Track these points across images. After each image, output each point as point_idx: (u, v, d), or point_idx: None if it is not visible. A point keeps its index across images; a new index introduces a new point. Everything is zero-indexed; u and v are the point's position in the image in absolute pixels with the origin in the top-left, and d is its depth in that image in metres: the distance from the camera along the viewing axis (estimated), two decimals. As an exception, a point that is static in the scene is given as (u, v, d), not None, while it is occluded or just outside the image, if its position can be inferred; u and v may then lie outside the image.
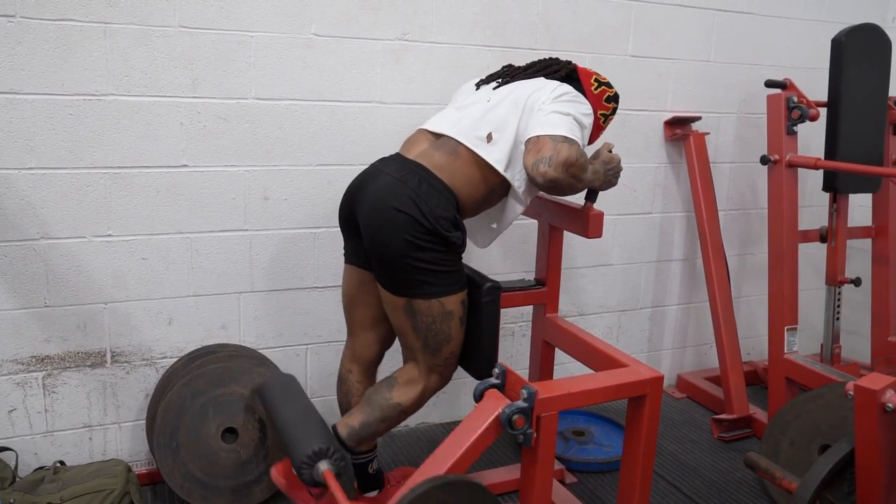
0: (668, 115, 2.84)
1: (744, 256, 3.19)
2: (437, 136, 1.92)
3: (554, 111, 1.78)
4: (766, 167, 2.59)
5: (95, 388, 2.20)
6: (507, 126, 1.82)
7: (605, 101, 1.97)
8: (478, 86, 2.03)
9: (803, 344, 2.82)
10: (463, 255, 1.87)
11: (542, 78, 1.95)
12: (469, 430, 1.55)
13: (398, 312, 1.84)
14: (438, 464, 1.53)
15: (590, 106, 1.89)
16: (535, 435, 1.55)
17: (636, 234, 2.92)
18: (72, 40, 1.97)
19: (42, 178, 2.02)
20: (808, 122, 2.52)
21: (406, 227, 1.72)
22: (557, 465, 2.35)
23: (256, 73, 2.19)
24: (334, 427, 1.93)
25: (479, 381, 1.66)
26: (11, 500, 1.85)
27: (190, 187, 2.18)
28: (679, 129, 2.84)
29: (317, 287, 2.41)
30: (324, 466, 1.62)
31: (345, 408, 2.07)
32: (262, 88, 2.20)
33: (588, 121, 1.86)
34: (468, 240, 2.09)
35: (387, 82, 2.35)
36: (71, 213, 2.07)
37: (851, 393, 1.57)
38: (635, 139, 2.81)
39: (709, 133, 2.89)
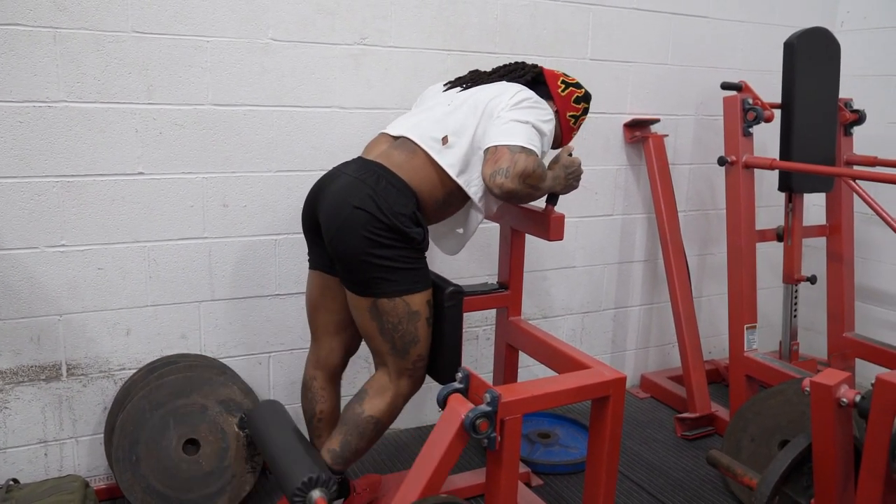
0: (628, 118, 2.87)
1: (704, 256, 3.24)
2: (397, 137, 1.92)
3: (512, 119, 1.78)
4: (723, 168, 2.63)
5: (51, 402, 2.14)
6: (465, 131, 1.83)
7: (573, 102, 1.98)
8: (445, 89, 2.03)
9: (762, 341, 2.88)
10: (426, 259, 1.87)
11: (504, 82, 1.95)
12: (437, 444, 1.55)
13: (364, 315, 1.83)
14: (413, 486, 1.53)
15: (550, 111, 1.90)
16: (499, 438, 1.55)
17: (598, 236, 2.95)
18: (19, 46, 1.92)
19: (-9, 188, 1.97)
20: (763, 124, 2.57)
21: (364, 224, 1.71)
22: (523, 468, 2.35)
23: (213, 79, 2.16)
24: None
25: (442, 386, 1.66)
26: (-38, 521, 1.79)
27: (146, 195, 2.14)
28: (638, 131, 2.88)
29: (278, 294, 2.38)
30: (316, 495, 1.66)
31: (309, 415, 2.05)
32: (220, 94, 2.17)
33: (548, 127, 1.86)
34: (436, 246, 2.09)
35: (346, 87, 2.34)
36: (22, 224, 2.01)
37: (808, 389, 1.60)
38: (595, 142, 2.84)
39: (667, 135, 2.93)
